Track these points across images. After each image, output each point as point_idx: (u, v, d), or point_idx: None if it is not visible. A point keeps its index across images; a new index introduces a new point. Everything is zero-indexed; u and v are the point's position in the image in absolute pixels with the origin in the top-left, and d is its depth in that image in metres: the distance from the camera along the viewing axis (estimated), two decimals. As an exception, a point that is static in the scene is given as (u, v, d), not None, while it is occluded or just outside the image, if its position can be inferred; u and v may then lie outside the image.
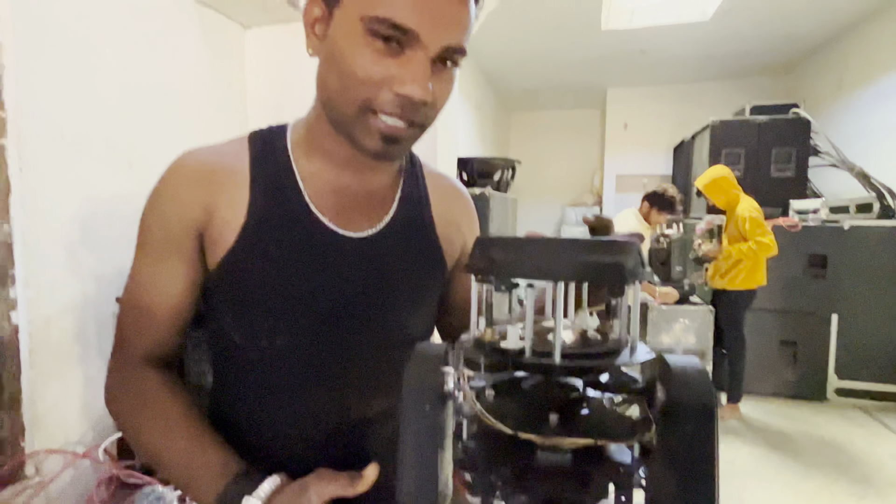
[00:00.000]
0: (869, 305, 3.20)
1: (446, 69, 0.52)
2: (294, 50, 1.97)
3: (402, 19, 0.46)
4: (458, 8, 0.49)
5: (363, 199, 0.62)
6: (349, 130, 0.54)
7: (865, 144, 3.85)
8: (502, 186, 2.76)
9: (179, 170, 0.58)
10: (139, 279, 0.59)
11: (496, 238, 0.37)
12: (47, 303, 1.30)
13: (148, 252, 0.58)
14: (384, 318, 0.63)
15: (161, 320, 0.59)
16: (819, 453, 2.59)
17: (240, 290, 0.58)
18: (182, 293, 0.58)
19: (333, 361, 0.60)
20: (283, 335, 0.59)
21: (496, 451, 0.35)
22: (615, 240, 0.35)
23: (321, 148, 0.60)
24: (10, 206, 1.21)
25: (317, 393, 0.61)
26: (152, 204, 0.59)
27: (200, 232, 0.58)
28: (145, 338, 0.59)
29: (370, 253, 0.61)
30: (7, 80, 1.19)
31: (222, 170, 0.58)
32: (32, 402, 1.27)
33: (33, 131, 1.25)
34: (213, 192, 0.57)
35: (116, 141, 1.47)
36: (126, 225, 1.50)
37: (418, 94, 0.49)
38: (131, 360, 0.59)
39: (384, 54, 0.48)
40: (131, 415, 0.58)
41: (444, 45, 0.49)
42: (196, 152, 0.60)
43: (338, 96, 0.52)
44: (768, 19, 4.06)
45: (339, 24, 0.50)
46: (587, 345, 0.37)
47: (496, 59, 4.95)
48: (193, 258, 0.58)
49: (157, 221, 0.58)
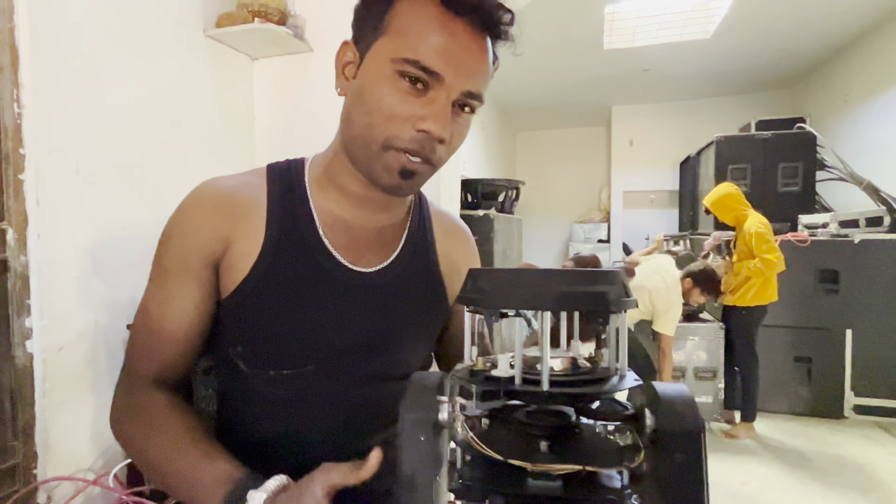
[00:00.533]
0: (884, 320, 3.15)
1: (463, 114, 0.57)
2: (299, 80, 2.03)
3: (430, 62, 0.52)
4: (479, 59, 0.55)
5: (373, 235, 0.65)
6: (369, 166, 0.58)
7: (873, 158, 3.83)
8: (506, 207, 2.79)
9: (198, 200, 0.61)
10: (152, 304, 0.60)
11: (486, 270, 0.39)
12: (61, 331, 1.34)
13: (163, 278, 0.60)
14: (388, 350, 0.64)
15: (171, 345, 0.60)
16: (838, 473, 2.52)
17: (251, 319, 0.60)
18: (194, 320, 0.60)
19: (338, 390, 0.62)
20: (291, 364, 0.60)
21: (490, 479, 0.36)
22: (599, 270, 0.37)
23: (337, 184, 0.63)
24: (28, 238, 1.26)
25: (321, 420, 0.62)
26: (170, 232, 0.61)
27: (216, 261, 0.60)
28: (155, 361, 0.60)
29: (377, 287, 0.63)
30: (26, 119, 1.25)
31: (240, 201, 0.60)
32: (45, 429, 1.30)
33: (50, 166, 1.31)
34: (231, 223, 0.59)
35: (129, 172, 1.52)
36: (136, 253, 1.55)
37: (438, 131, 0.53)
38: (139, 382, 0.60)
39: (410, 94, 0.53)
40: (138, 434, 0.58)
41: (464, 90, 0.54)
42: (215, 182, 0.62)
43: (363, 132, 0.56)
44: (769, 36, 4.10)
45: (369, 65, 0.55)
46: (576, 373, 0.39)
47: (501, 80, 5.02)
48: (207, 286, 0.60)
49: (174, 249, 0.60)
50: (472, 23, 0.53)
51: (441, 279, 0.70)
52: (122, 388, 0.62)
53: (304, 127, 2.02)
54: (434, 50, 0.52)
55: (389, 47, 0.53)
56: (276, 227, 0.60)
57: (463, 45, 0.53)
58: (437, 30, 0.52)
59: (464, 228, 0.79)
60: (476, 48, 0.54)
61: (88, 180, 1.40)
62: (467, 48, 0.53)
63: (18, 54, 1.24)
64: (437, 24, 0.52)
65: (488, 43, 0.56)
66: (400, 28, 0.53)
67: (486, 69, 0.56)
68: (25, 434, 1.26)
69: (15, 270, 1.24)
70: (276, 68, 2.06)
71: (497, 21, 0.55)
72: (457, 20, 0.53)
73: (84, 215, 1.39)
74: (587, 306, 0.36)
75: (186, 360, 0.62)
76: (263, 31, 1.81)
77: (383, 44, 0.54)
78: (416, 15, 0.53)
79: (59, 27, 1.33)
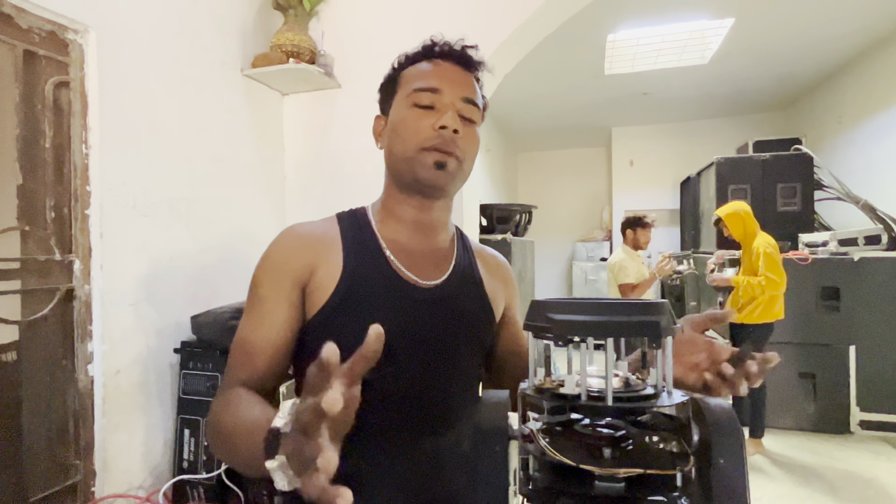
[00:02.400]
0: (886, 337, 3.23)
1: (469, 125, 0.74)
2: (327, 114, 2.15)
3: (430, 83, 0.72)
4: (466, 78, 0.75)
5: (429, 255, 0.78)
6: (413, 171, 0.72)
7: (869, 177, 3.95)
8: (520, 231, 2.89)
9: (287, 239, 0.74)
10: (247, 326, 0.71)
11: (551, 301, 0.47)
12: (118, 356, 1.42)
13: (257, 301, 0.71)
14: (448, 353, 0.75)
15: (259, 356, 0.69)
16: (847, 489, 2.57)
17: (336, 330, 0.70)
18: (282, 334, 0.70)
19: (408, 391, 0.72)
20: (372, 372, 0.70)
21: (559, 483, 0.42)
22: (650, 301, 0.45)
23: (395, 216, 0.78)
24: (92, 268, 1.35)
25: (394, 422, 0.71)
26: (265, 263, 0.73)
27: (304, 285, 0.71)
28: (243, 370, 0.69)
29: (439, 298, 0.75)
30: (93, 159, 1.36)
31: (320, 237, 0.74)
32: (103, 448, 1.37)
33: (112, 202, 1.41)
34: (314, 254, 0.72)
35: (177, 205, 1.62)
36: (181, 280, 1.64)
37: (450, 123, 0.70)
38: (232, 385, 0.69)
39: (424, 113, 0.72)
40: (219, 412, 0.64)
41: (461, 96, 0.73)
42: (299, 225, 0.77)
43: (401, 149, 0.72)
44: (764, 61, 4.26)
45: (393, 113, 0.75)
46: (631, 390, 0.46)
47: (504, 103, 5.18)
48: (297, 308, 0.71)
49: (267, 276, 0.71)
50: (453, 62, 0.76)
51: (486, 294, 0.82)
52: (219, 393, 0.70)
53: (331, 158, 2.13)
54: (431, 76, 0.73)
55: (403, 92, 0.74)
56: (352, 255, 0.73)
57: (451, 71, 0.75)
58: (430, 67, 0.74)
59: (500, 258, 0.91)
60: (461, 73, 0.75)
61: (143, 213, 1.50)
62: (454, 72, 0.75)
63: (87, 101, 1.35)
64: (430, 65, 0.75)
65: (470, 74, 0.77)
66: (407, 80, 0.75)
67: (474, 86, 0.76)
68: (86, 453, 1.34)
69: (80, 299, 1.34)
70: (304, 103, 2.18)
71: (469, 58, 0.76)
72: (442, 62, 0.75)
73: (139, 246, 1.49)
74: (642, 334, 0.43)
75: (273, 372, 0.71)
76: (297, 70, 1.94)
77: (399, 95, 0.75)
78: (416, 68, 0.75)
79: (122, 73, 1.45)
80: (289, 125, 2.20)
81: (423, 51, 0.76)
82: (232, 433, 0.59)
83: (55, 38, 1.31)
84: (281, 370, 0.72)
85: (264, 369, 0.70)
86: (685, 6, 3.34)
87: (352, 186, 2.06)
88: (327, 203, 1.58)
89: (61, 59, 1.33)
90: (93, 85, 1.36)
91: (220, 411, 0.64)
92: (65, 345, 1.33)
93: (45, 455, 1.29)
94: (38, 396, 1.28)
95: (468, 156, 0.74)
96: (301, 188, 2.20)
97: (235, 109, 1.92)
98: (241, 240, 1.89)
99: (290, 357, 0.73)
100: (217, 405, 0.67)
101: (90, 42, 1.37)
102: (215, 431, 0.64)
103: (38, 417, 1.28)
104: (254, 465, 0.50)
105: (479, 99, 0.75)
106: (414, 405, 0.72)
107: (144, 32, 1.53)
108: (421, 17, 2.04)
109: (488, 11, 1.96)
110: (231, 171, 1.88)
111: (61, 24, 1.32)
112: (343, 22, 2.14)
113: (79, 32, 1.35)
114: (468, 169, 0.76)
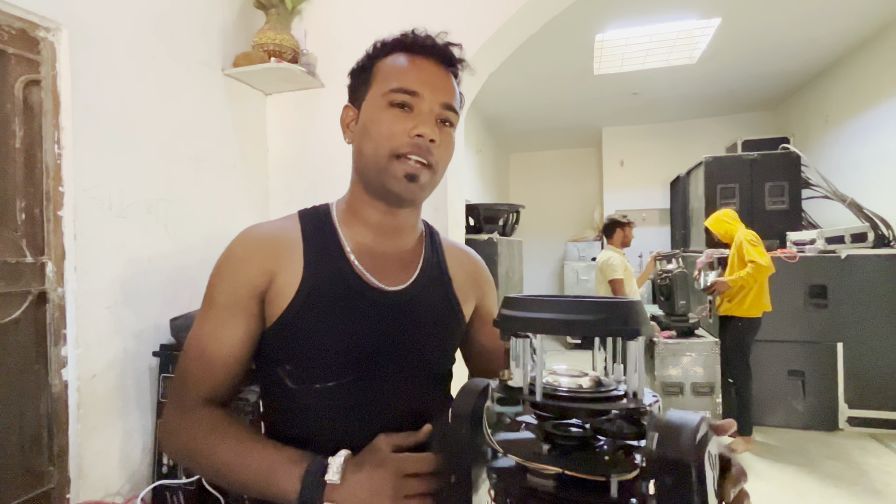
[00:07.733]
0: (873, 333, 3.26)
1: (446, 128, 0.70)
2: (310, 114, 2.13)
3: (410, 85, 0.67)
4: (446, 81, 0.71)
5: (395, 258, 0.75)
6: (381, 179, 0.69)
7: (855, 175, 3.99)
8: (507, 230, 2.88)
9: (245, 241, 0.71)
10: (204, 333, 0.68)
11: (519, 297, 0.46)
12: (94, 360, 1.39)
13: (214, 310, 0.68)
14: (416, 357, 0.73)
15: (222, 368, 0.67)
16: (836, 485, 2.58)
17: (297, 338, 0.68)
18: (241, 346, 0.68)
19: (376, 396, 0.70)
20: (334, 376, 0.68)
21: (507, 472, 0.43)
22: (620, 300, 0.43)
23: (359, 217, 0.74)
24: (65, 270, 1.32)
25: (360, 424, 0.69)
26: (220, 269, 0.70)
27: (262, 294, 0.68)
28: (207, 384, 0.67)
29: (404, 303, 0.73)
30: (66, 159, 1.33)
31: (280, 240, 0.71)
32: (78, 455, 1.34)
33: (86, 203, 1.38)
34: (274, 259, 0.69)
35: (155, 206, 1.59)
36: (159, 283, 1.62)
37: (428, 132, 0.66)
38: (192, 402, 0.67)
39: (400, 115, 0.67)
40: (202, 444, 0.64)
41: (441, 101, 0.69)
42: (257, 227, 0.73)
43: (372, 153, 0.68)
44: (751, 61, 4.29)
45: (366, 110, 0.70)
46: (595, 391, 0.45)
47: (495, 105, 5.18)
48: (254, 315, 0.69)
49: (224, 284, 0.69)
50: (434, 60, 0.71)
51: (455, 294, 0.80)
52: (174, 407, 0.68)
53: (314, 158, 2.11)
54: (411, 77, 0.68)
55: (379, 89, 0.69)
56: (313, 259, 0.70)
57: (432, 72, 0.70)
58: (410, 65, 0.69)
59: (473, 254, 0.90)
60: (442, 74, 0.71)
61: (120, 215, 1.47)
62: (435, 74, 0.70)
63: (60, 100, 1.32)
64: (410, 62, 0.70)
65: (450, 74, 0.73)
66: (384, 75, 0.70)
67: (454, 89, 0.72)
68: (60, 460, 1.31)
69: (53, 302, 1.31)
70: (287, 103, 2.16)
71: (450, 56, 0.72)
72: (422, 59, 0.70)
73: (116, 248, 1.47)
74: (608, 333, 0.41)
75: (234, 381, 0.70)
76: (280, 69, 1.92)
77: (374, 91, 0.70)
78: (393, 63, 0.70)
79: (95, 73, 1.43)
80: (272, 125, 2.18)
81: (402, 41, 0.71)
82: (235, 468, 0.61)
83: (26, 35, 1.29)
84: (239, 381, 0.71)
85: (225, 382, 0.68)
86: (672, 6, 3.35)
87: (335, 186, 2.01)
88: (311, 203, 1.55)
89: (32, 57, 1.30)
90: (65, 84, 1.33)
91: (208, 444, 0.63)
92: (37, 349, 1.30)
93: (17, 462, 1.26)
94: (10, 402, 1.25)
95: (442, 164, 0.71)
96: (285, 188, 2.18)
97: (217, 109, 1.90)
98: (224, 241, 1.83)
99: (248, 364, 0.71)
100: (188, 429, 0.65)
101: (62, 40, 1.34)
102: (207, 464, 0.63)
103: (9, 423, 1.25)
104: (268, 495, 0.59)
105: (458, 103, 0.72)
106: (381, 410, 0.70)
107: (119, 30, 1.50)
108: (405, 15, 2.03)
109: (472, 10, 1.95)
110: (213, 171, 1.86)
111: (32, 22, 1.29)
112: (326, 21, 2.12)
113: (50, 30, 1.33)
114: (441, 175, 0.73)
